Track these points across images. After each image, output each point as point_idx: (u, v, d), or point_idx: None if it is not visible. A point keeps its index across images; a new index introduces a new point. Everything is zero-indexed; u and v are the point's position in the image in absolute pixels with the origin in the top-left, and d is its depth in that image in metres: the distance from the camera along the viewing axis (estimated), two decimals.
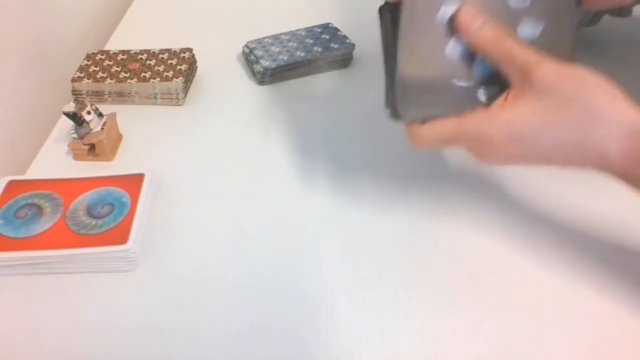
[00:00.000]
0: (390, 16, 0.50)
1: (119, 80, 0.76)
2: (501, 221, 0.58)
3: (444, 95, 0.48)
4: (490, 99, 0.47)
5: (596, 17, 0.74)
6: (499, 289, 0.53)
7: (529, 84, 0.44)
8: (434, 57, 0.48)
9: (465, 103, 0.48)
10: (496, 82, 0.47)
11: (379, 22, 0.51)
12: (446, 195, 0.62)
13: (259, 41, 0.84)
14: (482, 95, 0.48)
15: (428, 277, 0.54)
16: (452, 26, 0.47)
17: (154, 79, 0.76)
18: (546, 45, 0.46)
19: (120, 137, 0.71)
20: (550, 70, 0.43)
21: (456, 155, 0.66)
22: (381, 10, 0.51)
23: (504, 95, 0.46)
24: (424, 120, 0.49)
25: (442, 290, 0.53)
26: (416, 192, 0.62)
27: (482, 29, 0.46)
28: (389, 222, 0.59)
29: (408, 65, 0.48)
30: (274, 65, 0.79)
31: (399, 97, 0.49)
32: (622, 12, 0.71)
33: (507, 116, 0.45)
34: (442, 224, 0.59)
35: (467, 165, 0.64)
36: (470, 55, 0.48)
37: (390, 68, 0.50)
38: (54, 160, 0.69)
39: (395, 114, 0.50)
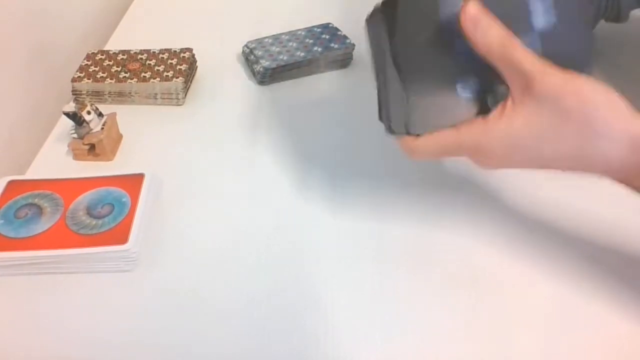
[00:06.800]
0: (384, 22, 0.47)
1: (119, 80, 0.76)
2: (500, 224, 0.58)
3: (449, 111, 0.47)
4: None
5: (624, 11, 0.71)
6: (498, 291, 0.53)
7: (529, 95, 0.42)
8: (441, 58, 0.46)
9: (467, 114, 0.47)
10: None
11: (367, 29, 0.48)
12: (445, 197, 0.62)
13: (259, 41, 0.84)
14: (490, 100, 0.47)
15: (427, 278, 0.54)
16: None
17: (154, 79, 0.75)
18: (554, 52, 0.44)
19: (120, 137, 0.71)
20: (553, 83, 0.42)
21: (455, 160, 0.66)
22: (373, 15, 0.48)
23: (501, 104, 0.45)
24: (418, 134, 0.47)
25: (442, 291, 0.53)
26: (416, 193, 0.62)
27: (487, 32, 0.44)
28: (388, 224, 0.59)
29: (414, 78, 0.47)
30: (274, 65, 0.79)
31: (399, 114, 0.48)
32: (619, 17, 0.70)
33: (505, 127, 0.44)
34: (441, 225, 0.59)
35: (466, 169, 0.64)
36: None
37: (384, 79, 0.48)
38: (54, 160, 0.69)
39: (391, 130, 0.49)
